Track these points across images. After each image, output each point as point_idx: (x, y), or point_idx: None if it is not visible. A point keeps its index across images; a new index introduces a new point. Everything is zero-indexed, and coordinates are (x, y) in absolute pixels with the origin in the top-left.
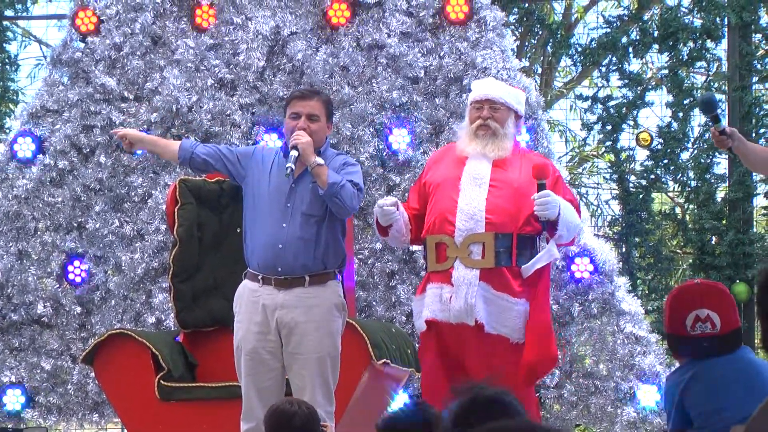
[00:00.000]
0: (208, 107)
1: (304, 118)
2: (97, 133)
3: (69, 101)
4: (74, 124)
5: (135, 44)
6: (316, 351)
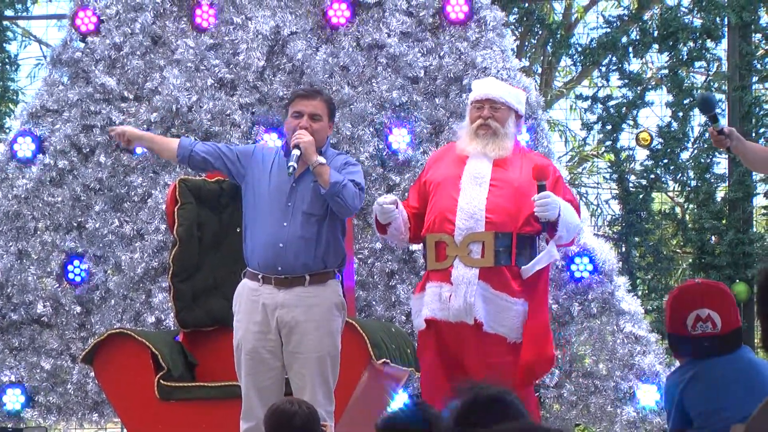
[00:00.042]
0: (208, 107)
1: (307, 117)
2: (97, 133)
3: (69, 101)
4: (74, 124)
5: (135, 44)
6: (317, 350)
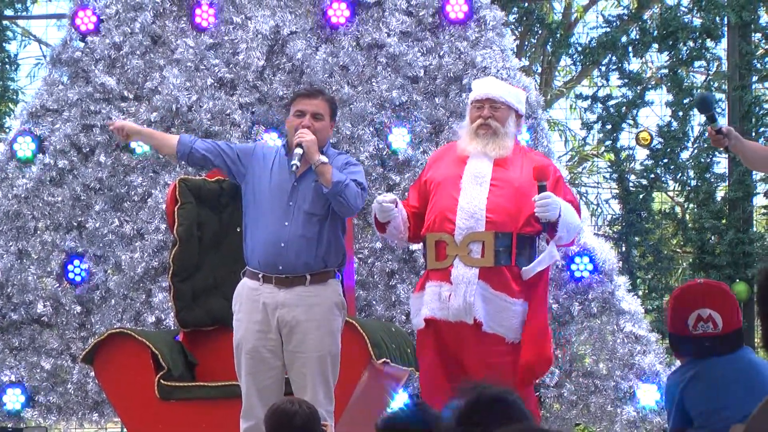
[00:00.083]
0: (208, 107)
1: (309, 117)
2: (97, 133)
3: (69, 101)
4: (74, 124)
5: (135, 44)
6: (317, 350)
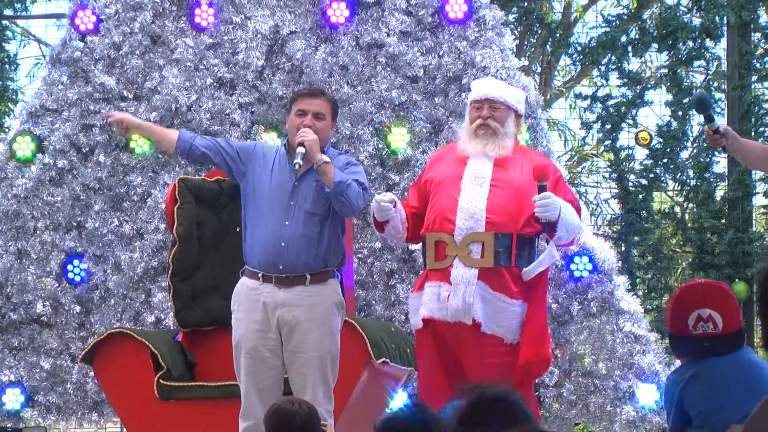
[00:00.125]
0: (208, 106)
1: (311, 116)
2: (97, 133)
3: (68, 100)
4: (73, 124)
5: (134, 43)
6: (318, 350)
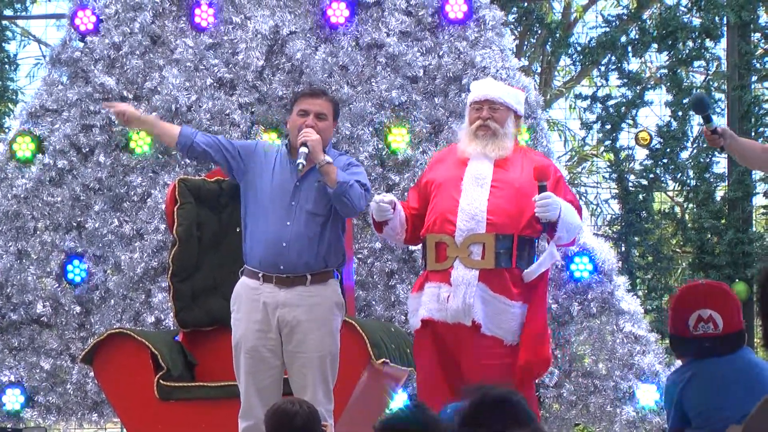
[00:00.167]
0: (207, 106)
1: (313, 116)
2: (97, 133)
3: (68, 101)
4: (73, 124)
5: (134, 44)
6: (318, 350)
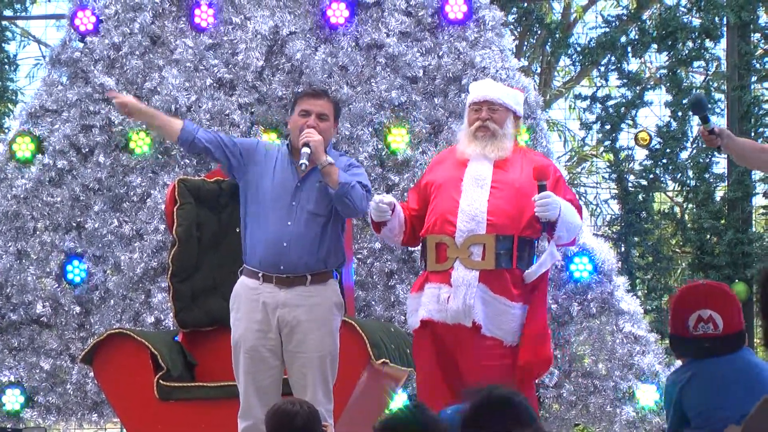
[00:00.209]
0: (207, 107)
1: (314, 117)
2: (96, 133)
3: (68, 101)
4: (73, 124)
5: (134, 44)
6: (318, 350)
